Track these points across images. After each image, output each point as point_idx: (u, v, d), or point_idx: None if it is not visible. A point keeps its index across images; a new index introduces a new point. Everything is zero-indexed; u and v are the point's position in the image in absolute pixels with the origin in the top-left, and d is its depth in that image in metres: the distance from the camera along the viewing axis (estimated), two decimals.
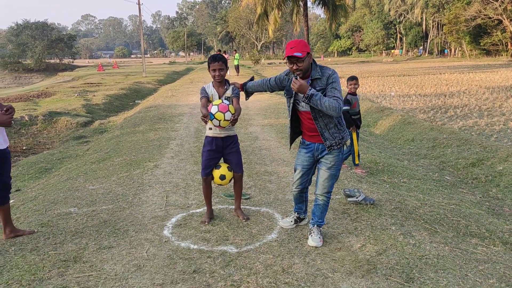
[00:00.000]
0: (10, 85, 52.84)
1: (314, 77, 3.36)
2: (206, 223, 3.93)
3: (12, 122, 3.62)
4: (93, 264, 3.23)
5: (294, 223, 3.90)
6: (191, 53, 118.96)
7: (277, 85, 3.68)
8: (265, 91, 3.82)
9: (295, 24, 31.97)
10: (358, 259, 3.29)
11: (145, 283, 2.94)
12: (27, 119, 12.67)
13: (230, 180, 3.96)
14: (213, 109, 3.56)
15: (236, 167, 3.94)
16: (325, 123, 3.40)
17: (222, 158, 3.98)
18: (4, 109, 3.58)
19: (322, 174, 3.50)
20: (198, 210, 4.32)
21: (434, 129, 9.40)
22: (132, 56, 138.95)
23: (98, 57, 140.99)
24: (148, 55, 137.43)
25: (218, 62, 3.73)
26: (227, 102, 3.67)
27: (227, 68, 3.81)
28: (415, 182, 5.97)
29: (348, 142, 4.50)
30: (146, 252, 3.41)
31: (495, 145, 7.50)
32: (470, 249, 3.62)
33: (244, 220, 3.98)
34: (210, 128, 3.82)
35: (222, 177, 3.86)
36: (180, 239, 3.65)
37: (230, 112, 3.59)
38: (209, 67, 3.77)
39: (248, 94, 3.93)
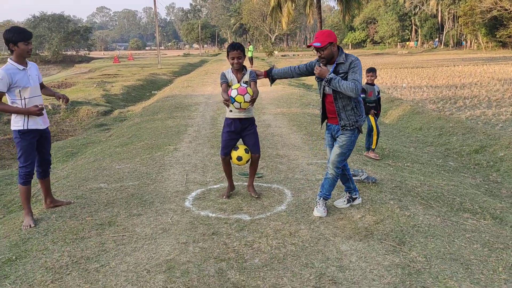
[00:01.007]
0: None
1: (339, 61, 3.78)
2: (225, 197, 4.31)
3: (43, 112, 4.08)
4: (125, 227, 3.72)
5: (348, 203, 4.15)
6: (205, 45, 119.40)
7: (307, 71, 4.08)
8: (292, 77, 4.19)
9: (309, 16, 32.16)
10: (357, 227, 3.71)
11: (171, 242, 3.42)
12: (50, 108, 13.29)
13: (247, 161, 4.22)
14: (233, 93, 3.85)
15: (253, 148, 4.20)
16: (343, 105, 3.81)
17: (241, 140, 4.29)
18: (60, 98, 4.27)
19: (335, 150, 3.91)
20: (215, 186, 4.79)
21: (442, 118, 9.70)
22: (147, 48, 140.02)
23: (113, 49, 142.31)
24: (162, 47, 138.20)
25: (236, 50, 4.00)
26: (245, 85, 3.95)
27: (245, 56, 4.05)
28: (418, 166, 6.34)
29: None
30: (170, 219, 3.89)
31: (499, 133, 7.80)
32: (460, 221, 4.01)
33: (255, 197, 4.31)
34: (231, 111, 4.10)
35: (239, 158, 4.12)
36: (200, 209, 4.13)
37: (249, 94, 3.86)
38: (228, 55, 4.04)
39: (273, 80, 4.30)
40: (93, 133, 10.62)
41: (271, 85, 4.40)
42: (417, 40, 79.89)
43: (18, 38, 3.89)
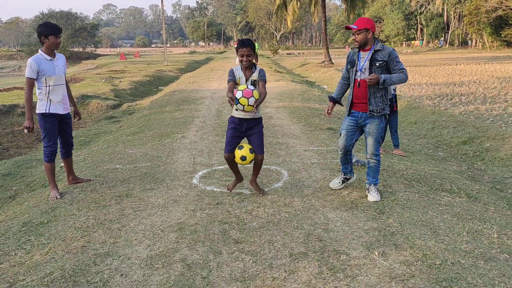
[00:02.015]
0: None
1: (376, 48, 3.98)
2: (230, 190, 4.28)
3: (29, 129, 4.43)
4: (141, 198, 4.26)
5: (342, 183, 4.46)
6: (211, 43, 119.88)
7: (348, 71, 4.24)
8: (347, 87, 4.31)
9: (314, 14, 32.56)
10: (344, 200, 4.22)
11: (181, 209, 3.95)
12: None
13: (251, 162, 4.07)
14: (238, 94, 3.74)
15: (258, 148, 4.03)
16: (374, 90, 4.00)
17: (246, 139, 4.18)
18: (76, 114, 4.91)
19: (368, 140, 4.14)
20: (220, 167, 5.31)
21: (436, 113, 10.17)
22: (152, 45, 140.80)
23: (119, 46, 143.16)
24: (168, 45, 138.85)
25: (246, 47, 3.84)
26: (252, 88, 3.80)
27: (255, 53, 3.92)
28: (408, 155, 6.82)
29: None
30: (180, 192, 4.42)
31: (486, 126, 8.27)
32: (437, 197, 4.51)
33: (260, 194, 4.20)
34: (237, 109, 3.94)
35: (243, 158, 3.98)
36: (206, 185, 4.65)
37: (254, 97, 3.74)
38: (237, 51, 3.89)
39: (339, 102, 4.37)
40: (104, 124, 11.18)
41: (340, 105, 4.43)
42: (422, 39, 80.00)
43: (49, 32, 4.38)
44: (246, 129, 4.02)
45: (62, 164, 5.26)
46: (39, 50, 4.48)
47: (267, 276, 2.83)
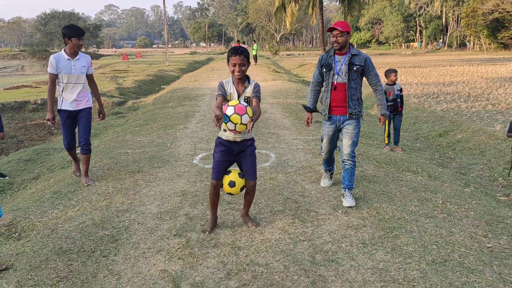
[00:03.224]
0: (38, 73, 55.53)
1: (353, 53, 4.07)
2: (208, 232, 3.49)
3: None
4: (150, 173, 5.08)
5: (330, 179, 4.67)
6: (212, 44, 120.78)
7: (320, 74, 4.27)
8: (320, 88, 4.38)
9: (312, 16, 33.39)
10: (321, 176, 5.03)
11: (184, 181, 4.77)
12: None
13: (242, 189, 3.46)
14: (229, 111, 3.13)
15: (249, 173, 3.43)
16: (351, 94, 4.10)
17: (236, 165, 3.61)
18: (100, 113, 5.15)
19: (346, 142, 4.15)
20: None
21: (418, 109, 10.99)
22: (154, 46, 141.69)
23: (120, 46, 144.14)
24: (170, 45, 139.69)
25: (239, 55, 3.26)
26: (245, 104, 3.25)
27: (249, 63, 3.36)
28: (385, 145, 7.62)
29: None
30: (183, 169, 5.24)
31: (461, 120, 9.08)
32: (400, 176, 5.32)
33: (252, 227, 3.58)
34: (225, 130, 3.34)
35: (232, 184, 3.39)
36: (205, 164, 5.47)
37: (248, 115, 3.15)
38: (228, 60, 3.32)
39: (315, 109, 4.40)
40: (111, 119, 11.99)
41: (318, 112, 4.40)
42: (421, 41, 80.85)
43: (73, 34, 4.69)
44: (238, 152, 3.42)
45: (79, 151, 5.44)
46: (62, 49, 4.81)
47: (250, 226, 3.64)
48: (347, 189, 4.18)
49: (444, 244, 3.34)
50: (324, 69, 4.20)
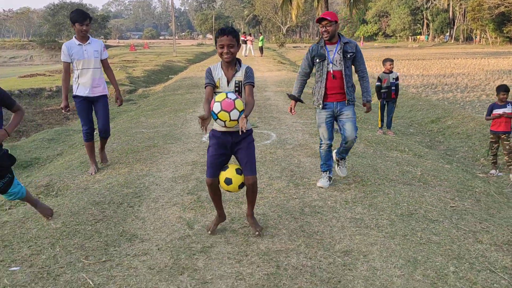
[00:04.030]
0: (47, 62, 56.31)
1: (345, 41, 4.18)
2: (210, 231, 3.27)
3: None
4: (164, 148, 5.74)
5: (329, 181, 4.40)
6: None
7: (309, 65, 4.30)
8: (306, 82, 4.40)
9: (317, 9, 33.75)
10: (316, 152, 5.65)
11: (194, 154, 5.42)
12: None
13: (241, 187, 3.15)
14: (216, 107, 2.85)
15: (247, 167, 3.10)
16: (347, 80, 4.20)
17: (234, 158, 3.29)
18: (117, 99, 5.11)
19: (349, 127, 4.24)
20: None
21: (415, 98, 11.55)
22: (160, 37, 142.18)
23: (128, 38, 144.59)
24: (176, 37, 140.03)
25: (227, 35, 2.95)
26: (233, 96, 2.88)
27: (239, 45, 3.05)
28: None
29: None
30: (193, 145, 5.89)
31: (453, 108, 9.65)
32: (388, 153, 5.93)
33: (256, 232, 3.22)
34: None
35: (228, 181, 3.08)
36: None
37: (237, 110, 2.84)
38: (216, 42, 3.03)
39: (300, 99, 4.46)
40: (123, 105, 12.66)
41: (301, 102, 4.53)
42: (428, 34, 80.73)
43: (74, 19, 4.57)
44: (233, 145, 3.09)
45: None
46: (73, 36, 4.75)
47: None
48: (342, 159, 4.53)
49: (413, 202, 3.96)
50: (317, 60, 4.21)
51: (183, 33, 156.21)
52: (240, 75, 3.07)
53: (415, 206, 3.88)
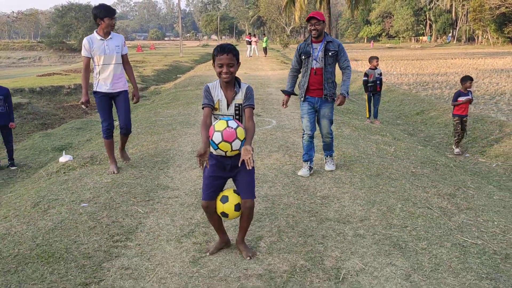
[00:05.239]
0: (55, 63, 57.62)
1: (328, 40, 4.49)
2: (209, 253, 3.04)
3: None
4: (182, 130, 6.87)
5: (309, 171, 4.75)
6: (223, 37, 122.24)
7: (298, 62, 4.65)
8: (298, 75, 4.73)
9: (320, 11, 34.78)
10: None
11: None
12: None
13: (237, 209, 2.89)
14: (216, 137, 2.68)
15: (245, 190, 2.89)
16: (327, 77, 4.53)
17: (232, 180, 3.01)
18: (134, 96, 4.94)
19: (323, 122, 4.71)
20: None
21: (405, 94, 12.60)
22: (166, 38, 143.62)
23: (133, 39, 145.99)
24: (182, 38, 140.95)
25: (226, 54, 2.77)
26: (234, 125, 2.71)
27: (238, 63, 2.86)
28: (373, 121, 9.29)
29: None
30: None
31: (436, 102, 10.70)
32: (369, 136, 7.00)
33: (247, 258, 2.98)
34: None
35: (224, 215, 2.91)
36: None
37: (239, 139, 2.69)
38: (214, 60, 2.84)
39: (293, 92, 4.79)
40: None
41: (295, 95, 4.87)
42: (430, 35, 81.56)
43: (105, 14, 4.53)
44: (232, 167, 2.87)
45: None
46: (94, 31, 4.68)
47: (254, 158, 5.38)
48: (328, 156, 4.93)
49: (382, 168, 5.04)
50: (303, 56, 4.56)
51: (188, 34, 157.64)
52: (240, 97, 2.88)
53: (382, 170, 4.96)
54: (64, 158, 5.60)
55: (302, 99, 4.70)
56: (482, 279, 2.79)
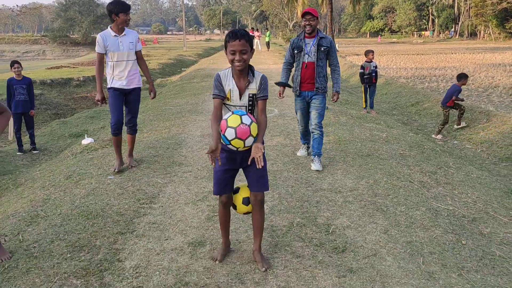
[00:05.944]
0: (59, 57, 58.19)
1: (321, 36, 4.69)
2: (217, 261, 2.91)
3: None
4: (190, 118, 7.44)
5: (306, 151, 5.29)
6: (226, 31, 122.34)
7: (291, 56, 4.82)
8: (291, 68, 4.87)
9: (322, 5, 35.21)
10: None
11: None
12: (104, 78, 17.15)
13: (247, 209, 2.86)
14: (229, 133, 2.53)
15: (255, 183, 2.77)
16: (319, 71, 4.72)
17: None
18: (151, 91, 4.87)
19: (314, 115, 4.80)
20: None
21: (402, 86, 13.14)
22: (168, 32, 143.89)
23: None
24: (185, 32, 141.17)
25: (239, 40, 2.60)
26: (248, 121, 2.56)
27: (252, 50, 2.70)
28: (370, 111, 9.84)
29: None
30: None
31: (431, 94, 11.24)
32: (364, 124, 7.56)
33: (263, 269, 2.82)
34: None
35: (246, 201, 2.84)
36: None
37: (252, 136, 2.56)
38: (226, 47, 2.67)
39: (287, 84, 4.93)
40: (146, 93, 14.39)
41: (289, 86, 4.96)
42: (433, 30, 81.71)
43: (120, 9, 4.44)
44: (242, 160, 2.75)
45: None
46: (108, 27, 4.60)
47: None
48: (316, 156, 4.77)
49: (373, 150, 5.61)
50: (296, 51, 4.72)
51: (191, 29, 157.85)
52: (254, 87, 2.71)
53: (373, 151, 5.53)
54: (86, 141, 6.20)
55: (297, 92, 4.85)
56: (448, 233, 3.37)
